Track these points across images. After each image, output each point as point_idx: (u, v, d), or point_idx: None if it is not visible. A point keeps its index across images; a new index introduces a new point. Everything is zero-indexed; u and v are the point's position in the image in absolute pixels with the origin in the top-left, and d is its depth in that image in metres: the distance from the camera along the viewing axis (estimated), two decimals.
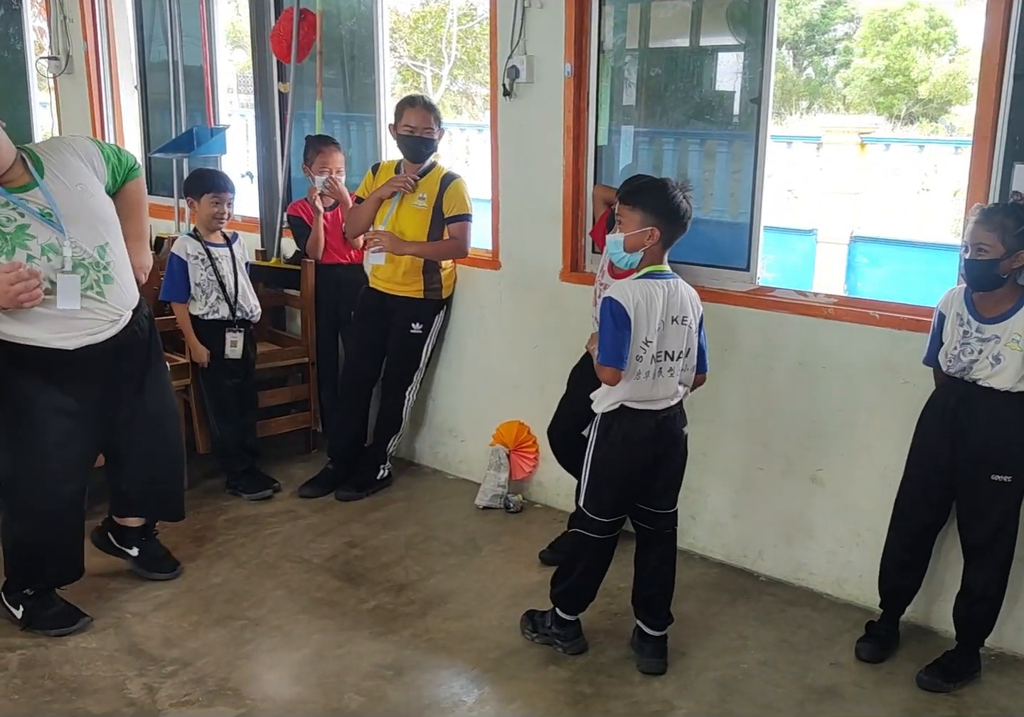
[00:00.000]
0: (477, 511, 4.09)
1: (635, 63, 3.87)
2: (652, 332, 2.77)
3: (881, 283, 9.28)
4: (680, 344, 2.84)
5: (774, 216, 10.38)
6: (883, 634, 3.10)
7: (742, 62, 3.58)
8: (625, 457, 2.88)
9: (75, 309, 2.85)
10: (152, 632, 3.15)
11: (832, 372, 3.34)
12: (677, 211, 2.78)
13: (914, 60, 20.62)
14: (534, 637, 3.12)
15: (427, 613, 3.29)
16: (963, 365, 2.80)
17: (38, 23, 7.10)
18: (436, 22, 20.01)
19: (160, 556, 3.52)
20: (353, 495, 4.18)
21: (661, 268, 2.84)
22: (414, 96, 4.00)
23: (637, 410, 2.84)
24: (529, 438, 4.11)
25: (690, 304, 2.86)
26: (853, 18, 22.52)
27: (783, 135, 12.00)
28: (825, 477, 3.41)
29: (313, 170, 4.29)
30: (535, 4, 3.78)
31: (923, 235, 9.78)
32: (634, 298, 2.76)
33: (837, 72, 22.61)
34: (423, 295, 4.09)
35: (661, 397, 2.85)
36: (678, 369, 2.86)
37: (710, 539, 3.72)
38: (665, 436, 2.89)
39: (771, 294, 3.51)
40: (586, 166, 3.88)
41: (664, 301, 2.79)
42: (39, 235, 2.80)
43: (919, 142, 11.60)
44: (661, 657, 3.00)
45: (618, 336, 2.76)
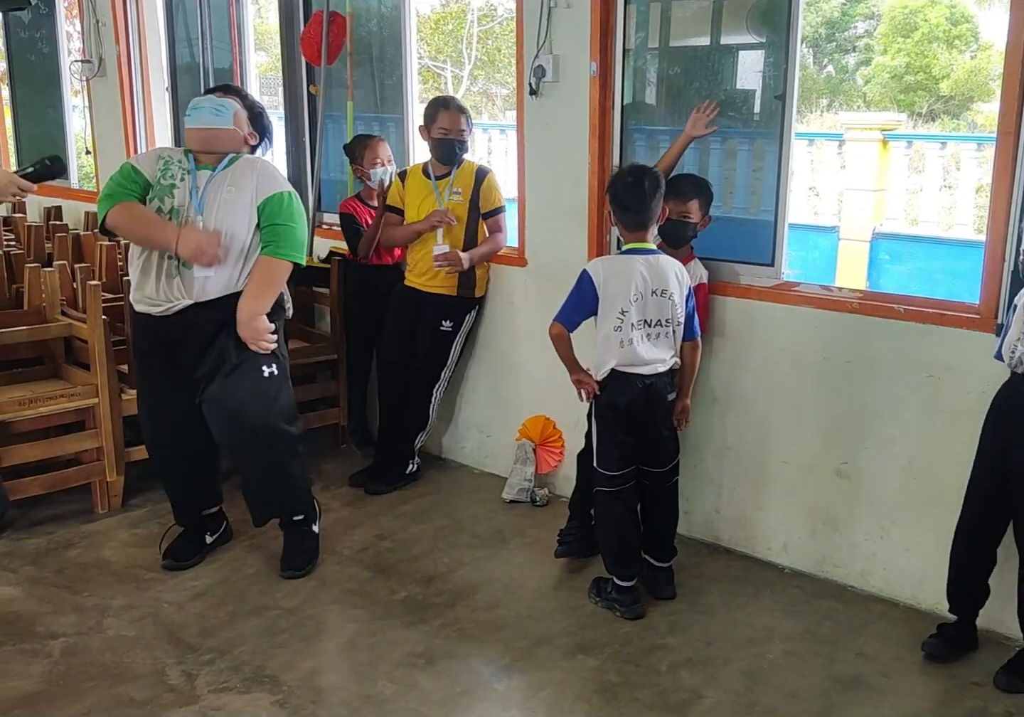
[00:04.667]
0: (504, 505, 4.15)
1: (656, 62, 3.90)
2: (628, 302, 3.07)
3: (903, 280, 9.27)
4: (662, 314, 3.13)
5: (796, 213, 10.44)
6: (953, 634, 3.07)
7: (764, 60, 3.61)
8: (616, 417, 3.18)
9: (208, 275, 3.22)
10: (189, 621, 3.23)
11: (857, 366, 3.38)
12: (625, 198, 3.11)
13: (935, 57, 20.55)
14: (597, 601, 3.32)
15: (456, 603, 3.35)
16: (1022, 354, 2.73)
17: (67, 27, 7.22)
18: (456, 23, 20.11)
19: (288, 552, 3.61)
20: (383, 489, 4.25)
21: (641, 245, 3.14)
22: (446, 98, 4.05)
23: (626, 373, 3.13)
24: (555, 433, 4.16)
25: (674, 278, 3.13)
26: (874, 15, 22.46)
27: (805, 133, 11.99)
28: (850, 470, 3.45)
29: (365, 165, 4.35)
30: (561, 4, 3.83)
31: (946, 232, 9.77)
32: (604, 272, 3.10)
33: (858, 70, 22.56)
34: (456, 293, 4.15)
35: (648, 361, 3.14)
36: (665, 335, 3.16)
37: (735, 532, 3.76)
38: (651, 399, 3.17)
39: (796, 289, 3.54)
40: (611, 164, 3.92)
41: (642, 275, 3.08)
42: (176, 198, 3.23)
43: (942, 138, 11.56)
44: (670, 584, 3.38)
45: (577, 301, 3.15)
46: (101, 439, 3.87)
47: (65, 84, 6.58)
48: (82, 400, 3.82)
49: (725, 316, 3.63)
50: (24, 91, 7.06)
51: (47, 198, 6.39)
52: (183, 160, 3.28)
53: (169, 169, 3.25)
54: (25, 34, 6.84)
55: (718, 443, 3.74)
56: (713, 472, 3.78)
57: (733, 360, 3.65)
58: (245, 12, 5.36)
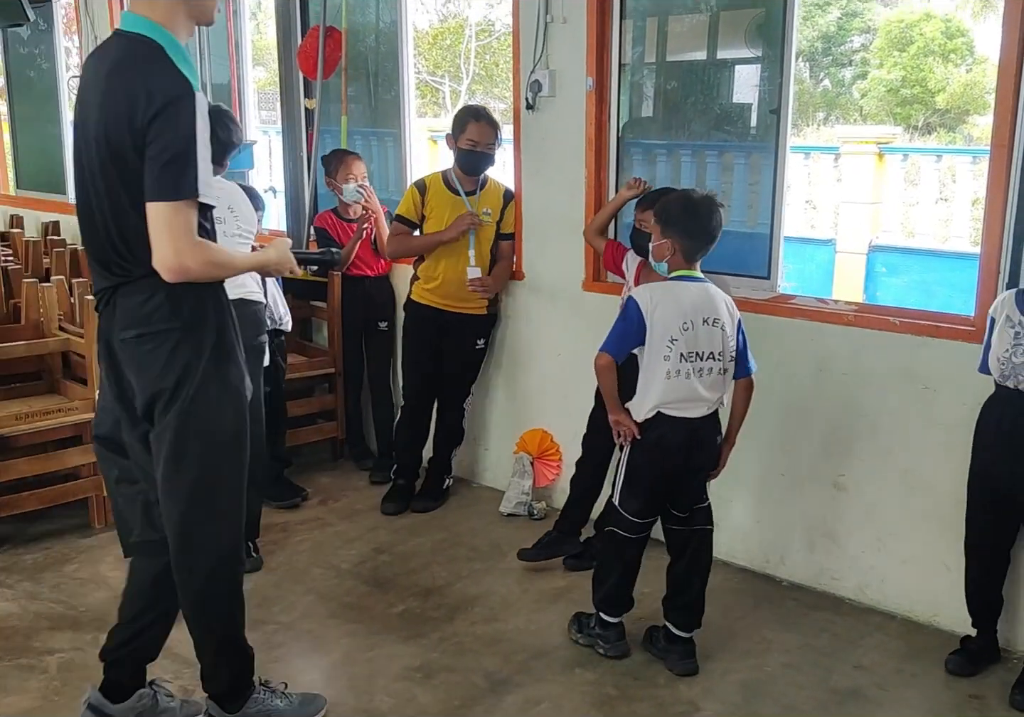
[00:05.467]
0: (501, 518, 4.15)
1: (652, 76, 3.93)
2: (678, 331, 2.84)
3: (900, 292, 9.30)
4: (714, 345, 2.88)
5: (793, 226, 10.48)
6: (975, 649, 3.05)
7: (759, 74, 3.63)
8: (657, 460, 2.93)
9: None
10: (186, 636, 3.14)
11: (853, 378, 3.39)
12: (694, 227, 2.87)
13: (931, 71, 20.67)
14: (579, 638, 3.17)
15: (454, 617, 3.35)
16: (1017, 368, 2.77)
17: (66, 43, 7.27)
18: (454, 38, 20.19)
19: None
20: (431, 505, 4.25)
21: (690, 272, 2.92)
22: (478, 109, 4.01)
23: (673, 417, 2.88)
24: (552, 446, 4.17)
25: (724, 307, 2.92)
26: (870, 29, 22.57)
27: (801, 146, 12.05)
28: (847, 482, 3.45)
29: (338, 179, 4.38)
30: (558, 19, 3.86)
31: (942, 244, 9.80)
32: (653, 299, 2.86)
33: (854, 83, 22.67)
34: (487, 311, 4.17)
35: (696, 400, 2.89)
36: (718, 371, 2.90)
37: (733, 545, 3.76)
38: (697, 444, 2.92)
39: (792, 302, 3.56)
40: (607, 178, 3.95)
41: (692, 302, 2.87)
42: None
43: (937, 152, 11.62)
44: (690, 658, 3.04)
45: (625, 329, 2.90)
46: None
47: (63, 99, 6.61)
48: (79, 415, 3.82)
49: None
50: (23, 106, 7.10)
51: (45, 213, 6.42)
52: None
53: None
54: (24, 50, 6.88)
55: None
56: (711, 484, 3.77)
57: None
58: (243, 28, 5.39)
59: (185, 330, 2.31)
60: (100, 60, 2.30)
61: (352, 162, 4.39)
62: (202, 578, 2.48)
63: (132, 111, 2.16)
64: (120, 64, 2.23)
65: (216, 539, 2.47)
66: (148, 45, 2.22)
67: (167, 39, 2.24)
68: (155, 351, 2.31)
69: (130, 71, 2.20)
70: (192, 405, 2.33)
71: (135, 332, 2.31)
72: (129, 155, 2.19)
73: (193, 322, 2.33)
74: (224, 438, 2.41)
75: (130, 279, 2.31)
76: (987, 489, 2.92)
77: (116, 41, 2.29)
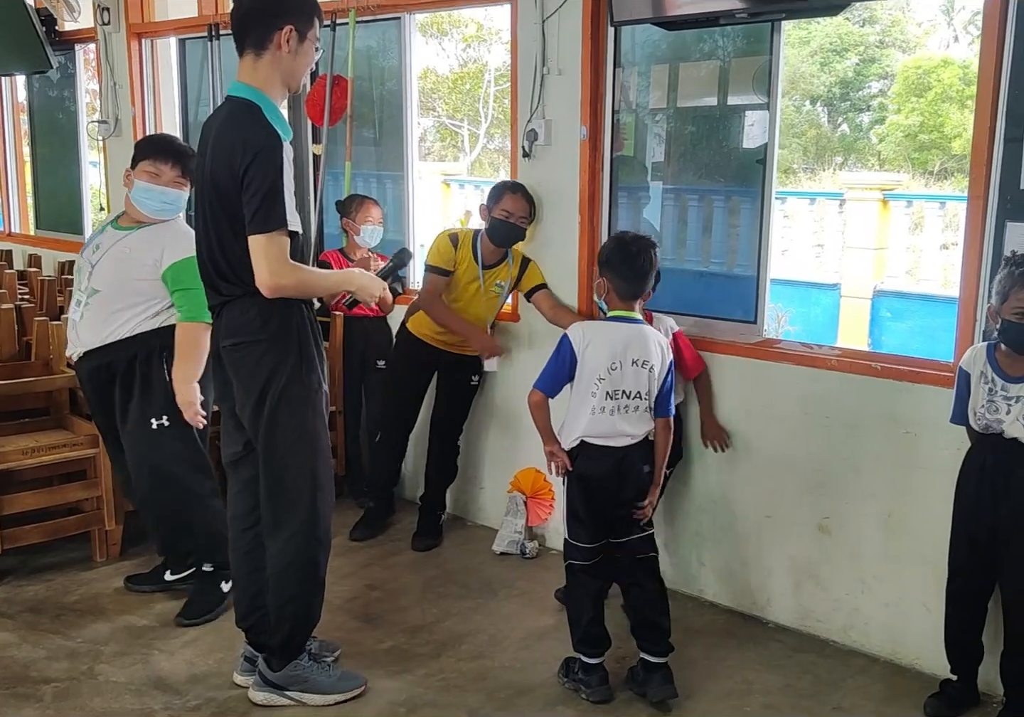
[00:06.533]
0: (494, 556, 4.20)
1: (644, 124, 4.03)
2: (605, 370, 2.99)
3: (905, 337, 9.33)
4: (640, 385, 3.03)
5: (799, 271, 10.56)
6: (954, 692, 3.07)
7: (744, 123, 3.71)
8: (587, 489, 3.07)
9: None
10: (178, 668, 3.28)
11: (837, 422, 3.44)
12: (623, 267, 3.04)
13: (948, 116, 20.76)
14: (565, 682, 3.19)
15: (441, 654, 3.39)
16: (991, 422, 2.84)
17: (91, 86, 7.49)
18: (474, 83, 20.52)
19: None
20: (432, 543, 4.31)
21: (627, 313, 3.07)
22: (516, 183, 4.08)
23: (597, 446, 3.04)
24: (545, 485, 4.22)
25: (656, 350, 3.04)
26: (887, 75, 22.72)
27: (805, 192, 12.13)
28: (831, 525, 3.50)
29: (357, 220, 4.52)
30: (553, 71, 3.98)
31: (946, 290, 9.84)
32: (585, 336, 3.03)
33: (872, 128, 22.78)
34: None
35: (620, 434, 3.03)
36: (644, 408, 3.04)
37: (720, 586, 3.80)
38: (624, 473, 3.05)
39: (777, 346, 3.63)
40: (601, 224, 4.05)
41: (623, 342, 3.01)
42: (85, 256, 3.52)
43: (940, 198, 11.69)
44: (667, 684, 3.07)
45: (558, 366, 3.08)
46: (101, 488, 3.96)
47: (83, 141, 6.80)
48: (83, 450, 3.92)
49: (708, 372, 3.71)
50: (45, 148, 7.30)
51: (62, 253, 6.58)
52: (109, 222, 3.60)
53: (98, 233, 3.60)
54: (54, 93, 7.08)
55: (702, 497, 3.80)
56: (697, 526, 3.83)
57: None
58: None
59: (271, 340, 2.77)
60: (214, 119, 2.83)
61: (371, 206, 4.56)
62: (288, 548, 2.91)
63: (232, 159, 2.64)
64: (226, 122, 2.74)
65: (298, 519, 2.88)
66: (248, 106, 2.72)
67: (264, 100, 2.74)
68: (246, 358, 2.80)
69: (233, 127, 2.70)
70: (277, 404, 2.79)
71: (232, 341, 2.81)
72: (232, 195, 2.66)
73: (278, 334, 2.78)
74: (304, 433, 2.85)
75: (232, 297, 2.79)
76: (969, 535, 2.95)
77: (226, 104, 2.80)
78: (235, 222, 2.69)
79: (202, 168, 2.79)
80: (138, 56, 5.91)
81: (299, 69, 2.81)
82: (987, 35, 3.02)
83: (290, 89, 2.84)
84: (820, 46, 22.19)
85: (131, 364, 3.47)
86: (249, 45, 2.75)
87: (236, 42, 2.78)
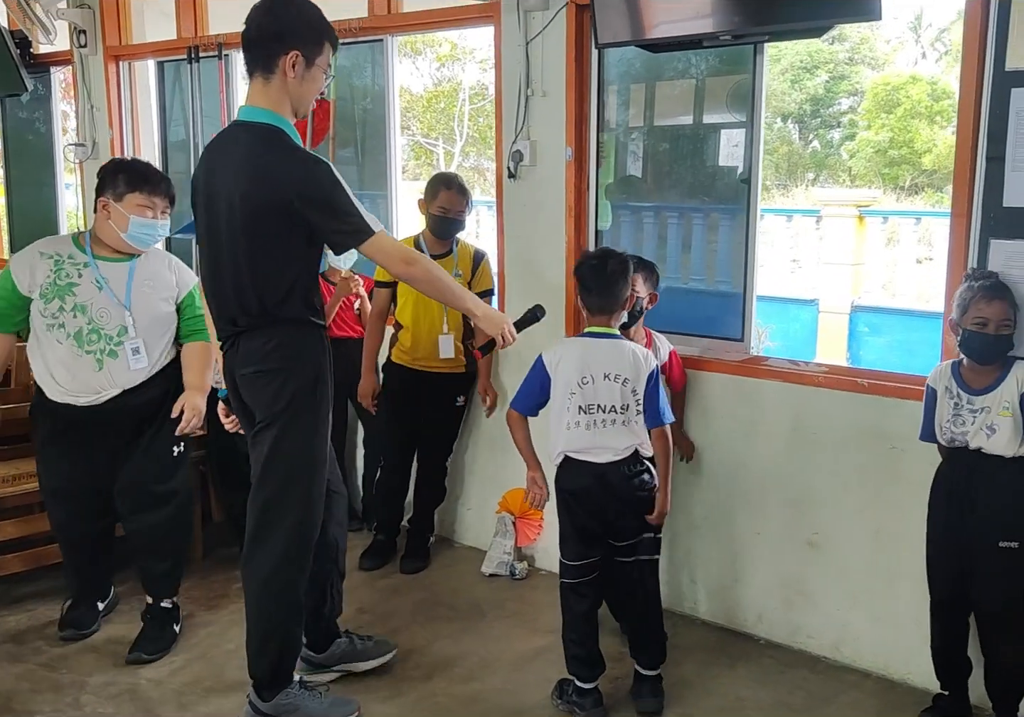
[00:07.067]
0: (483, 578, 4.18)
1: (628, 144, 4.06)
2: (576, 385, 3.03)
3: (883, 351, 9.42)
4: (614, 399, 3.04)
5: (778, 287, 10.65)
6: (946, 706, 3.09)
7: (728, 141, 3.75)
8: (571, 506, 3.09)
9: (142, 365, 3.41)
10: (167, 698, 3.24)
11: (824, 438, 3.46)
12: (589, 281, 3.12)
13: (918, 132, 21.03)
14: (559, 704, 3.18)
15: (432, 677, 3.37)
16: (956, 435, 2.90)
17: (63, 107, 7.42)
18: (448, 101, 20.60)
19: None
20: (420, 565, 4.29)
21: (600, 329, 3.11)
22: (450, 177, 4.18)
23: (578, 461, 3.06)
24: None
25: (629, 363, 3.05)
26: (857, 92, 23.02)
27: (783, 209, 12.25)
28: (821, 541, 3.50)
29: None
30: (538, 92, 4.00)
31: (921, 303, 9.95)
32: (557, 354, 3.09)
33: (843, 144, 23.04)
34: (464, 369, 4.25)
35: (599, 448, 3.04)
36: (623, 422, 3.05)
37: (711, 603, 3.79)
38: (606, 488, 3.04)
39: (764, 363, 3.64)
40: (587, 244, 4.06)
41: (595, 357, 3.05)
42: (79, 295, 3.31)
43: (916, 214, 11.84)
44: (656, 696, 3.13)
45: (531, 385, 3.14)
46: None
47: (58, 162, 6.75)
48: None
49: (696, 390, 3.72)
50: (18, 170, 7.22)
51: None
52: (75, 253, 3.35)
53: (62, 268, 3.32)
54: (24, 114, 7.02)
55: (692, 515, 3.80)
56: (687, 544, 3.82)
57: (705, 433, 3.73)
58: (235, 92, 5.53)
59: (291, 369, 2.82)
60: (228, 144, 2.81)
61: None
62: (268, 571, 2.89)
63: (276, 187, 2.65)
64: (256, 148, 2.72)
65: (282, 542, 2.87)
66: (272, 131, 2.73)
67: (283, 122, 2.76)
68: (268, 385, 2.82)
69: (268, 153, 2.69)
70: (288, 428, 2.83)
71: (253, 369, 2.83)
72: (273, 219, 2.69)
73: (299, 363, 2.83)
74: (307, 458, 2.89)
75: (251, 328, 2.82)
76: (942, 551, 2.99)
77: (241, 129, 2.78)
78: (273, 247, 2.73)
79: (219, 196, 2.77)
80: (116, 79, 5.88)
81: (306, 95, 2.81)
82: (967, 55, 3.06)
83: (297, 114, 2.84)
84: (791, 64, 22.46)
85: (166, 394, 3.46)
86: (257, 68, 2.77)
87: (246, 65, 2.80)
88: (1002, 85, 2.99)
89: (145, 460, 3.46)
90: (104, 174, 3.38)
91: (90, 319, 3.32)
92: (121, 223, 3.32)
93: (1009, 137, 2.99)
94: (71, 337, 3.31)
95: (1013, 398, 2.84)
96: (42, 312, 3.30)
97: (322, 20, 2.82)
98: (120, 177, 3.34)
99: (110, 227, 3.33)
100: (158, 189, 3.37)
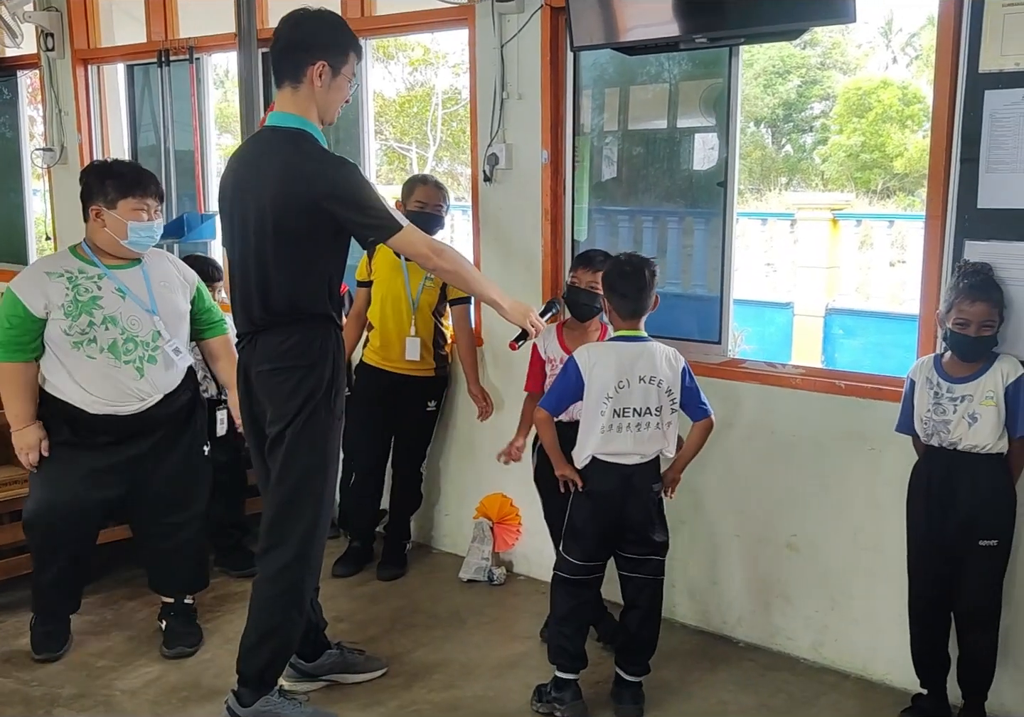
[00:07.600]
0: (461, 584, 4.16)
1: (603, 148, 4.05)
2: (613, 389, 3.01)
3: (857, 354, 9.48)
4: (649, 402, 3.04)
5: (753, 290, 10.70)
6: (926, 707, 3.09)
7: (703, 145, 3.76)
8: (593, 508, 3.08)
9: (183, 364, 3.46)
10: (142, 709, 3.19)
11: (803, 440, 3.46)
12: (618, 284, 3.08)
13: (889, 136, 21.20)
14: (539, 707, 3.17)
15: (412, 685, 3.34)
16: (937, 425, 2.90)
17: (30, 111, 7.32)
18: (421, 106, 20.57)
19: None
20: (398, 573, 4.25)
21: (631, 332, 3.09)
22: (425, 175, 4.23)
23: (606, 463, 3.05)
24: (512, 511, 4.19)
25: (664, 365, 3.06)
26: (829, 96, 23.18)
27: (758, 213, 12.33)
28: (799, 543, 3.51)
29: None
30: (513, 95, 3.99)
31: (898, 306, 10.02)
32: (591, 358, 3.06)
33: (815, 149, 23.19)
34: (435, 373, 4.21)
35: (631, 452, 3.05)
36: (656, 425, 3.05)
37: (690, 606, 3.79)
38: (631, 490, 3.06)
39: (742, 366, 3.64)
40: (564, 247, 4.05)
41: (630, 361, 3.03)
42: (106, 307, 3.26)
43: (889, 217, 11.94)
44: (636, 703, 3.13)
45: (564, 387, 3.10)
46: None
47: (26, 168, 6.66)
48: None
49: None
50: None
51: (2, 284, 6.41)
52: (84, 267, 3.28)
53: (78, 284, 3.25)
54: None
55: (671, 517, 3.75)
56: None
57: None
58: (207, 96, 5.49)
59: (309, 367, 2.85)
60: (257, 147, 2.90)
61: None
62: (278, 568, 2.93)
63: (306, 187, 2.72)
64: (284, 150, 2.79)
65: (296, 539, 2.92)
66: (301, 135, 2.80)
67: (312, 127, 2.83)
68: (284, 383, 2.85)
69: (297, 154, 2.76)
70: (304, 427, 2.86)
71: (270, 366, 2.88)
72: (304, 220, 2.76)
73: (316, 361, 2.87)
74: (321, 455, 2.94)
75: (269, 326, 2.87)
76: (922, 550, 3.00)
77: (271, 133, 2.86)
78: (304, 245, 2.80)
79: (243, 200, 2.84)
80: (84, 82, 5.81)
81: (332, 104, 2.88)
82: (941, 58, 3.07)
83: (323, 122, 2.90)
84: (763, 69, 22.59)
85: (195, 392, 3.54)
86: (286, 78, 2.84)
87: (274, 74, 2.89)
88: (975, 87, 3.01)
89: (183, 460, 3.46)
90: (89, 180, 3.30)
91: (123, 329, 3.26)
92: (119, 230, 3.26)
93: (983, 139, 3.01)
94: (106, 350, 3.24)
95: (998, 389, 2.85)
96: (67, 330, 3.21)
97: (347, 31, 2.90)
98: (108, 183, 3.26)
99: (107, 235, 3.27)
100: (149, 190, 3.32)
